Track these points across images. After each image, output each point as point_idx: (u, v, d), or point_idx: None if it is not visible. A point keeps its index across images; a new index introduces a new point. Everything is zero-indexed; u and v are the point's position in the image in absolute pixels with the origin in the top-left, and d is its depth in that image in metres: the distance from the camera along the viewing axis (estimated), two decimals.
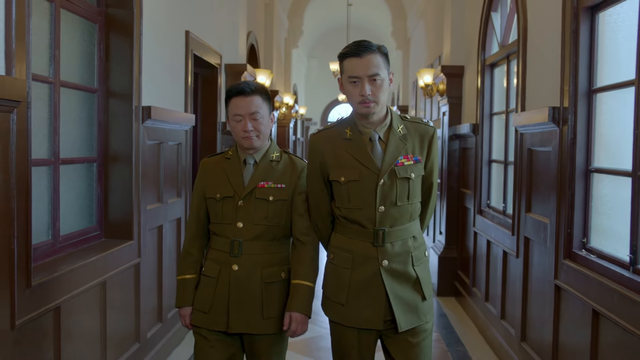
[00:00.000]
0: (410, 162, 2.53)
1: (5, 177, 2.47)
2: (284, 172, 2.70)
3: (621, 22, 3.09)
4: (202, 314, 2.66)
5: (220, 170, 2.71)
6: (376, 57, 2.43)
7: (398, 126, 2.56)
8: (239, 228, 2.63)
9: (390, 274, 2.50)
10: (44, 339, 2.86)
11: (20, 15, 2.55)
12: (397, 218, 2.52)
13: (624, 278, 2.81)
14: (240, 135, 2.63)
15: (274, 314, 2.63)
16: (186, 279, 2.73)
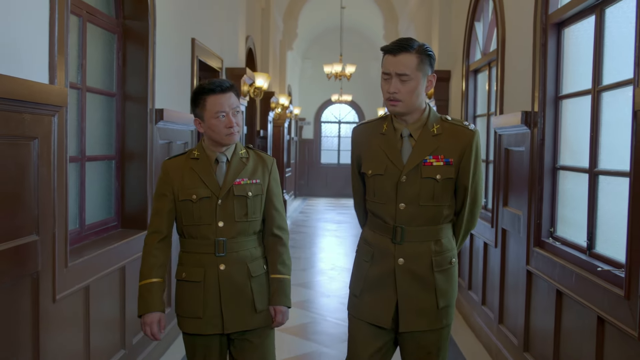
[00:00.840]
0: (439, 163, 2.49)
1: (47, 171, 2.87)
2: (255, 167, 2.71)
3: (581, 37, 3.52)
4: (195, 320, 2.62)
5: (190, 171, 2.65)
6: (410, 58, 2.41)
7: (433, 125, 2.52)
8: (220, 227, 2.61)
9: (405, 273, 2.52)
10: (75, 314, 3.26)
11: (61, 33, 2.96)
12: (417, 218, 2.51)
13: (582, 260, 3.25)
14: (224, 132, 2.59)
15: (264, 306, 2.69)
16: (153, 283, 2.62)
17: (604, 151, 3.18)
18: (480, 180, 2.60)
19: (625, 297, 2.63)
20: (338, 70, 12.72)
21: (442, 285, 2.54)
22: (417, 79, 2.44)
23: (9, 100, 2.47)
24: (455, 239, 2.63)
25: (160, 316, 2.61)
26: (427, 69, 2.47)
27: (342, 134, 20.45)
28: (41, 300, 2.83)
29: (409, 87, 2.43)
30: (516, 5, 4.46)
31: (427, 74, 2.48)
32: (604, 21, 3.18)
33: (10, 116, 2.53)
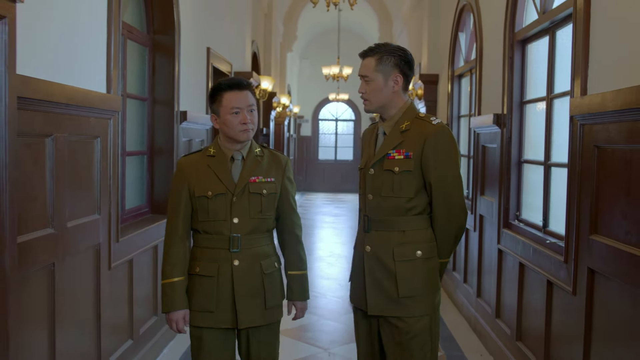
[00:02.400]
0: (400, 157, 2.60)
1: (105, 164, 3.58)
2: (270, 166, 2.75)
3: (540, 53, 4.24)
4: (207, 314, 2.66)
5: (206, 168, 2.70)
6: (370, 60, 2.62)
7: (404, 122, 2.64)
8: (235, 223, 2.65)
9: (372, 260, 2.66)
10: (122, 280, 3.97)
11: (115, 52, 3.66)
12: (381, 208, 2.64)
13: (538, 237, 3.97)
14: (238, 129, 2.64)
15: (275, 303, 2.73)
16: (175, 282, 2.67)
17: (555, 147, 3.90)
18: (451, 178, 2.61)
19: (564, 261, 3.35)
20: (336, 72, 13.45)
21: (404, 275, 2.60)
22: (377, 79, 2.61)
23: (82, 107, 3.18)
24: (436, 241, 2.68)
25: (184, 313, 2.68)
26: (390, 70, 2.62)
27: (339, 132, 21.15)
28: (101, 267, 3.54)
29: (371, 87, 2.62)
30: (491, 21, 5.18)
31: (391, 74, 2.62)
32: (555, 41, 3.90)
33: (81, 119, 3.23)
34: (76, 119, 3.15)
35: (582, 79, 3.17)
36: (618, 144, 2.77)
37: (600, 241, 2.92)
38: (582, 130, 3.14)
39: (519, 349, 4.16)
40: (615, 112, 2.72)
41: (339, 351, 4.84)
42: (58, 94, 2.86)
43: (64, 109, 2.99)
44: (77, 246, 3.21)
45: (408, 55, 2.67)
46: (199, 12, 5.86)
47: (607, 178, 2.90)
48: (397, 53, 2.63)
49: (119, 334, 3.92)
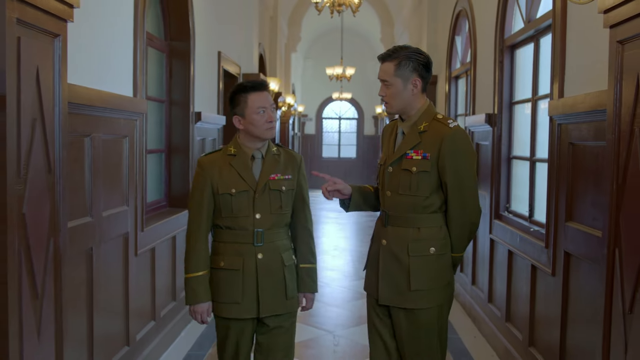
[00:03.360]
0: (418, 157, 2.70)
1: (132, 160, 3.97)
2: (287, 164, 2.89)
3: (527, 58, 4.63)
4: (234, 305, 2.80)
5: (227, 166, 2.81)
6: (390, 66, 2.71)
7: (422, 123, 2.73)
8: (257, 219, 2.79)
9: (387, 253, 2.79)
10: (146, 266, 4.37)
11: (142, 60, 4.06)
12: (399, 205, 2.76)
13: (524, 226, 4.35)
14: (264, 127, 2.78)
15: (294, 293, 2.90)
16: (199, 276, 2.81)
17: (539, 144, 4.29)
18: (467, 178, 2.71)
19: (545, 247, 3.73)
20: (339, 72, 13.85)
21: (417, 270, 2.73)
22: (397, 84, 2.69)
23: (114, 110, 3.57)
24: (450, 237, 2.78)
25: (208, 305, 2.83)
26: (409, 74, 2.69)
27: (343, 130, 21.54)
28: (129, 253, 3.93)
29: (391, 91, 2.71)
30: (483, 27, 5.56)
31: (410, 78, 2.70)
32: (539, 48, 4.28)
33: (113, 121, 3.63)
34: (109, 121, 3.55)
35: (560, 83, 3.56)
36: (588, 141, 3.16)
37: (574, 227, 3.31)
38: (559, 129, 3.53)
39: (508, 330, 4.54)
40: (585, 113, 3.11)
41: (343, 334, 5.23)
42: (96, 99, 3.26)
43: (100, 112, 3.38)
44: (110, 234, 3.61)
45: (426, 58, 2.75)
46: (211, 19, 6.25)
47: (579, 171, 3.29)
48: (415, 57, 2.70)
49: (143, 316, 4.32)
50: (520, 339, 4.24)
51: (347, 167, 20.95)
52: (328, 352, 4.81)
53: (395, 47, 2.76)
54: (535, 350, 3.99)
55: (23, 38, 2.33)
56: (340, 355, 4.75)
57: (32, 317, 2.45)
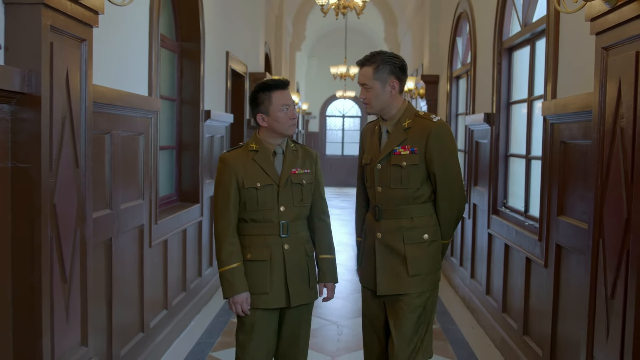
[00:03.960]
0: (406, 152, 2.87)
1: (147, 156, 4.19)
2: (304, 159, 3.01)
3: (523, 60, 4.83)
4: (262, 296, 2.88)
5: (251, 162, 2.91)
6: (368, 70, 2.89)
7: (405, 120, 2.92)
8: (282, 211, 2.91)
9: (382, 246, 2.94)
10: (159, 257, 4.58)
11: (156, 61, 4.27)
12: (391, 198, 2.92)
13: (519, 220, 4.56)
14: (288, 124, 2.89)
15: (315, 283, 3.03)
16: (235, 268, 2.86)
17: (534, 143, 4.49)
18: (451, 168, 2.92)
19: (538, 240, 3.94)
20: (343, 71, 14.06)
21: (413, 256, 2.90)
22: (376, 86, 2.88)
23: (132, 108, 3.79)
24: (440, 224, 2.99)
25: (247, 296, 2.87)
26: (387, 76, 2.89)
27: (346, 127, 21.74)
28: (144, 244, 4.15)
29: (371, 93, 2.89)
30: (483, 29, 5.76)
31: (388, 80, 2.89)
32: (535, 50, 4.48)
33: (131, 118, 3.84)
34: (127, 118, 3.76)
35: (552, 84, 3.76)
36: (577, 140, 3.36)
37: (565, 221, 3.51)
38: (552, 128, 3.73)
39: (505, 320, 4.75)
40: (574, 113, 3.31)
41: (346, 324, 5.45)
42: (116, 98, 3.47)
43: (120, 110, 3.60)
44: (127, 225, 3.82)
45: (402, 61, 2.94)
46: (219, 20, 6.46)
47: (570, 168, 3.50)
48: (391, 61, 2.90)
49: (156, 305, 4.53)
50: (515, 328, 4.45)
51: (350, 165, 21.15)
52: (332, 341, 5.02)
53: (373, 53, 2.94)
54: (529, 338, 4.19)
55: (55, 43, 2.55)
56: (343, 344, 4.96)
57: (61, 299, 2.67)
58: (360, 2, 7.12)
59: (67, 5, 2.60)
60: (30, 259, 2.49)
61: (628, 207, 2.52)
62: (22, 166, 2.47)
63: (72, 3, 2.64)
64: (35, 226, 2.49)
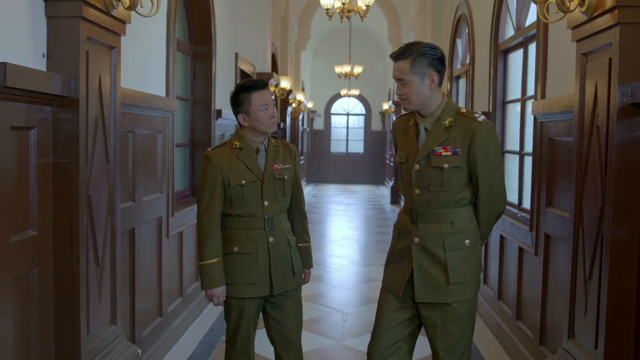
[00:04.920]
0: (448, 153, 2.67)
1: (165, 153, 4.50)
2: (285, 154, 3.14)
3: (517, 62, 5.12)
4: (249, 286, 3.03)
5: (235, 159, 3.01)
6: (404, 64, 2.65)
7: (446, 118, 2.70)
8: (266, 206, 3.02)
9: (420, 250, 2.73)
10: (175, 247, 4.89)
11: (172, 64, 4.58)
12: (430, 202, 2.71)
13: (513, 213, 4.85)
14: (268, 122, 2.99)
15: (299, 270, 3.17)
16: (215, 262, 2.99)
17: (527, 140, 4.78)
18: (496, 170, 2.73)
19: (529, 230, 4.23)
20: (347, 70, 14.37)
21: (454, 264, 2.70)
22: (414, 81, 2.64)
23: (152, 108, 4.09)
24: (478, 225, 2.79)
25: (223, 289, 3.03)
26: (425, 69, 2.65)
27: (351, 125, 22.04)
28: (162, 235, 4.46)
29: (409, 89, 2.66)
30: (481, 32, 6.05)
31: (426, 73, 2.65)
32: (528, 53, 4.77)
33: (151, 118, 4.15)
34: (148, 118, 4.07)
35: (542, 85, 4.06)
36: (563, 137, 3.66)
37: (552, 212, 3.81)
38: (541, 126, 4.02)
39: (500, 307, 5.05)
40: (560, 112, 3.61)
41: (351, 312, 5.75)
42: (139, 99, 3.78)
43: (142, 111, 3.90)
44: (148, 217, 4.13)
45: (440, 52, 2.73)
46: (229, 23, 6.77)
47: (557, 163, 3.79)
48: (429, 52, 2.67)
49: (173, 292, 4.84)
50: (510, 314, 4.75)
51: (355, 162, 21.47)
52: (337, 327, 5.32)
53: (408, 44, 2.72)
54: (521, 322, 4.49)
55: (90, 51, 2.86)
56: (347, 330, 5.26)
57: (94, 281, 2.99)
58: (363, 6, 7.41)
59: (100, 17, 2.91)
60: (69, 244, 2.80)
61: (602, 197, 2.82)
62: (62, 161, 2.78)
63: (104, 15, 2.95)
64: (73, 215, 2.80)
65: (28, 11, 2.63)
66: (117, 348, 3.26)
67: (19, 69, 2.38)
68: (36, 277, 2.67)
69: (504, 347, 4.78)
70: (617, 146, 2.70)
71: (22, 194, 2.56)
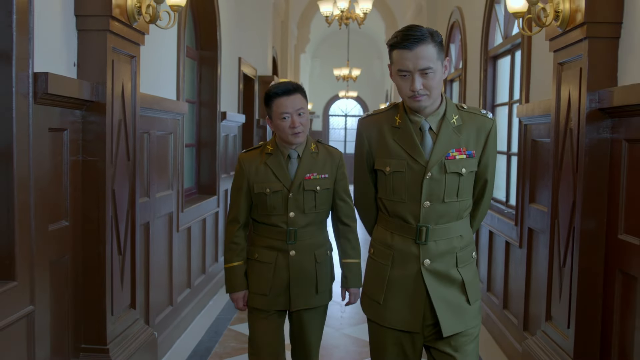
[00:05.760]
0: (462, 156, 2.31)
1: (175, 153, 4.82)
2: (325, 162, 2.88)
3: (505, 68, 5.45)
4: (261, 297, 2.87)
5: (263, 165, 2.84)
6: (428, 48, 2.19)
7: (452, 116, 2.34)
8: (291, 217, 2.82)
9: (433, 275, 2.34)
10: (184, 241, 5.22)
11: (182, 69, 4.90)
12: (442, 215, 2.34)
13: (501, 209, 5.19)
14: (288, 132, 2.76)
15: (325, 287, 2.93)
16: (235, 266, 2.90)
17: (513, 141, 5.12)
18: (493, 168, 2.47)
19: (515, 224, 4.56)
20: (346, 73, 14.72)
21: (469, 280, 2.39)
22: (439, 68, 2.24)
23: (165, 111, 4.41)
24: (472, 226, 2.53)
25: (244, 294, 2.93)
26: (442, 54, 2.27)
27: (349, 126, 22.39)
28: (173, 229, 4.78)
29: (434, 80, 2.23)
30: (472, 38, 6.38)
31: (444, 60, 2.28)
32: (515, 60, 5.10)
33: (163, 120, 4.47)
34: (161, 120, 4.39)
35: (526, 90, 4.39)
36: (544, 138, 3.99)
37: (534, 207, 4.14)
38: (525, 128, 4.35)
39: (489, 298, 5.38)
40: (540, 116, 3.94)
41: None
42: (154, 102, 4.10)
43: (156, 113, 4.23)
44: (160, 212, 4.45)
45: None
46: (233, 29, 7.10)
47: (538, 163, 4.12)
48: (438, 35, 2.28)
49: (182, 283, 5.17)
50: (497, 303, 5.08)
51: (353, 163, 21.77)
52: (336, 318, 5.65)
53: (417, 27, 2.25)
54: (507, 311, 4.82)
55: (115, 60, 3.18)
56: (346, 320, 5.59)
57: (117, 268, 3.31)
58: (361, 13, 7.75)
59: (124, 29, 3.24)
60: (96, 233, 3.13)
61: (574, 192, 3.15)
62: (90, 159, 3.10)
63: (127, 27, 3.27)
64: (100, 207, 3.13)
65: (62, 26, 2.95)
66: (136, 330, 3.58)
67: (57, 78, 2.70)
68: (68, 262, 2.99)
69: (492, 336, 5.11)
70: (586, 147, 3.04)
71: (57, 188, 2.89)
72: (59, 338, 2.95)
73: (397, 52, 2.23)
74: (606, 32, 2.99)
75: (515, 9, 3.43)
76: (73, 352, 3.11)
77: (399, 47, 2.21)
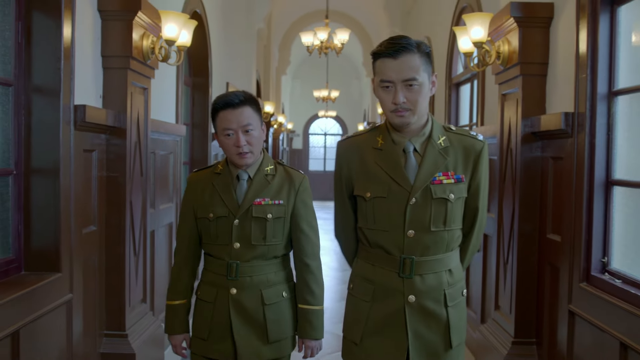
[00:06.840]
0: (450, 181, 2.14)
1: (175, 171, 5.43)
2: (281, 186, 2.47)
3: (466, 94, 6.15)
4: (200, 341, 2.45)
5: (211, 187, 2.45)
6: (414, 58, 2.05)
7: (439, 137, 2.17)
8: (236, 249, 2.40)
9: (417, 313, 2.15)
10: None
11: (180, 96, 5.53)
12: (429, 246, 2.14)
13: None
14: (232, 152, 2.37)
15: (279, 336, 2.46)
16: (175, 305, 2.51)
17: None
18: (485, 195, 2.28)
19: None
20: (325, 94, 15.46)
21: (455, 322, 2.18)
22: (425, 81, 2.09)
23: (167, 133, 5.04)
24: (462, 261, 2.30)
25: (184, 337, 2.53)
26: (430, 68, 2.11)
27: (328, 145, 23.12)
28: (172, 239, 5.38)
29: (419, 92, 2.07)
30: (439, 66, 7.10)
31: (430, 74, 2.12)
32: (474, 87, 5.81)
33: (166, 141, 5.09)
34: (164, 141, 5.02)
35: (481, 115, 5.09)
36: (494, 157, 4.67)
37: (489, 216, 4.80)
38: None
39: None
40: (491, 137, 4.62)
41: (330, 306, 6.68)
42: (159, 126, 4.73)
43: (160, 135, 4.85)
44: (163, 222, 5.06)
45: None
46: (222, 57, 7.75)
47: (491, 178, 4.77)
48: (426, 46, 2.13)
49: None
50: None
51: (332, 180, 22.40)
52: None
53: (401, 35, 2.13)
54: (469, 309, 5.48)
55: (132, 92, 3.82)
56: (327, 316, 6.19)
57: (133, 267, 3.92)
58: (339, 44, 8.45)
59: (139, 66, 3.87)
60: (117, 237, 3.74)
61: (513, 202, 3.83)
62: (113, 175, 3.72)
63: (142, 64, 3.91)
64: (120, 215, 3.74)
65: (92, 64, 3.59)
66: (147, 321, 4.18)
67: (91, 109, 3.33)
68: (96, 261, 3.60)
69: None
70: (522, 163, 3.72)
71: (88, 199, 3.51)
72: (88, 322, 3.54)
73: (381, 61, 2.09)
74: (536, 70, 3.69)
75: (466, 50, 4.13)
76: (99, 335, 3.70)
77: (383, 56, 2.07)
